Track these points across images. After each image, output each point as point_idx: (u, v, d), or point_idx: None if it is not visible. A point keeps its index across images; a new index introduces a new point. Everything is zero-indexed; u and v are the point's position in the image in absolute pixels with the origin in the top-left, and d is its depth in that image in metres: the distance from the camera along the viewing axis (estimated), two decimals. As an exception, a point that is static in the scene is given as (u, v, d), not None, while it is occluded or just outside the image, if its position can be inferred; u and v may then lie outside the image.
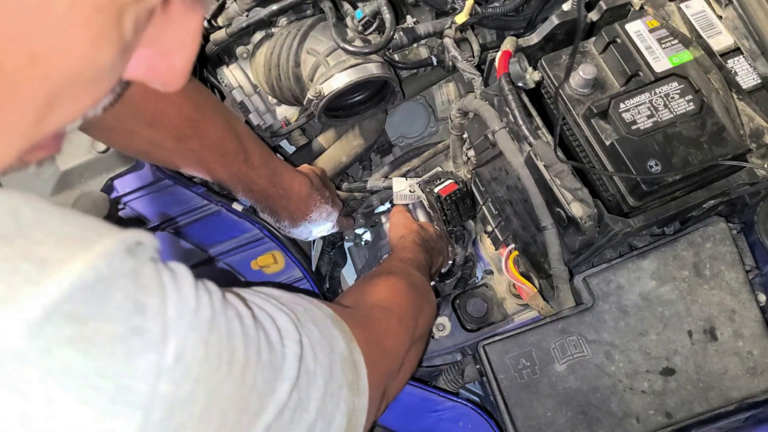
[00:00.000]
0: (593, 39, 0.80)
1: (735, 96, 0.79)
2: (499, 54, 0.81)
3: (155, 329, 0.29)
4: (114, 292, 0.27)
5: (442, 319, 0.96)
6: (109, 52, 0.27)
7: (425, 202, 1.03)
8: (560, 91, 0.76)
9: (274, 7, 0.91)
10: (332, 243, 1.22)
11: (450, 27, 0.94)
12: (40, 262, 0.25)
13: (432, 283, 0.98)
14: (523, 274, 0.92)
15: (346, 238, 1.25)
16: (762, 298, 0.82)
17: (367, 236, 1.24)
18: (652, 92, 0.73)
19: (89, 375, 0.25)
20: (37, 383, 0.24)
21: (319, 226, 0.98)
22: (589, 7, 0.84)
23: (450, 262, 1.05)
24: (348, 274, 1.34)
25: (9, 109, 0.26)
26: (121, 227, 0.30)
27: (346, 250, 1.28)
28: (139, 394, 0.27)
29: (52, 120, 0.28)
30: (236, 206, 0.94)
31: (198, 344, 0.31)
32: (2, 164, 0.28)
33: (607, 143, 0.72)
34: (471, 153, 0.97)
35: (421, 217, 1.08)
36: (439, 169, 1.10)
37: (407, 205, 1.09)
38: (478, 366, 0.86)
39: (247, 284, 0.93)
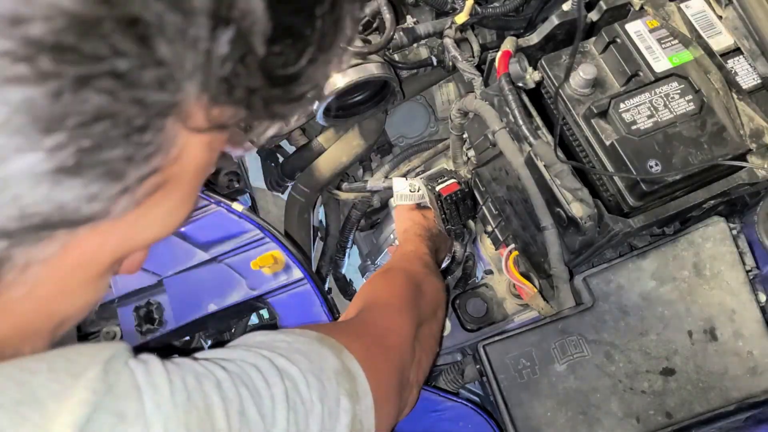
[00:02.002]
0: (593, 39, 0.80)
1: (735, 96, 0.78)
2: (499, 54, 0.81)
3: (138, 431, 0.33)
4: (99, 414, 0.32)
5: (443, 319, 0.96)
6: (104, 288, 0.36)
7: (426, 198, 1.03)
8: (560, 91, 0.76)
9: (274, 7, 0.91)
10: (343, 248, 1.23)
11: (450, 27, 0.94)
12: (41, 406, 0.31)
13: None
14: (523, 274, 0.92)
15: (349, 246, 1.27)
16: (762, 298, 0.81)
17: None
18: (652, 92, 0.73)
19: None
20: None
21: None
22: (589, 7, 0.84)
23: (450, 258, 1.05)
24: (350, 272, 1.35)
25: (29, 343, 0.35)
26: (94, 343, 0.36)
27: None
28: None
29: (61, 331, 0.37)
30: (236, 206, 0.94)
31: (179, 429, 0.35)
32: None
33: (607, 143, 0.72)
34: (471, 153, 0.97)
35: None
36: (443, 167, 1.10)
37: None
38: (478, 366, 0.86)
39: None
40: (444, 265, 1.06)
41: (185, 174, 0.30)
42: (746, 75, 0.78)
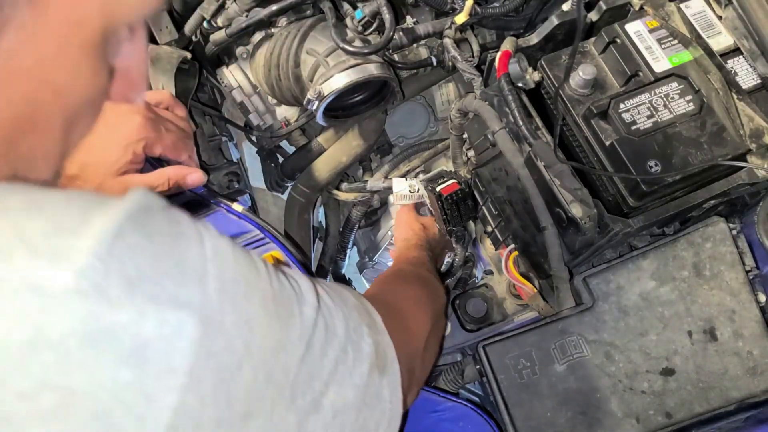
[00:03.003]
0: (593, 39, 0.80)
1: (735, 96, 0.79)
2: (498, 54, 0.81)
3: (192, 233, 0.34)
4: (153, 214, 0.33)
5: (442, 320, 0.96)
6: (104, 77, 0.36)
7: (427, 200, 1.03)
8: (560, 91, 0.76)
9: (274, 7, 0.91)
10: (343, 249, 1.23)
11: (450, 27, 0.94)
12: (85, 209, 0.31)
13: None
14: (523, 274, 0.92)
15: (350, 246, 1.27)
16: (762, 298, 0.82)
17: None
18: (652, 92, 0.73)
19: (159, 257, 0.31)
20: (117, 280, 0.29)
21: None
22: (589, 7, 0.84)
23: (449, 260, 1.05)
24: (349, 272, 1.35)
25: (43, 135, 0.34)
26: None
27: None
28: (195, 271, 0.33)
29: (74, 138, 0.36)
30: (236, 206, 0.94)
31: (228, 248, 0.36)
32: (45, 176, 0.35)
33: (607, 143, 0.72)
34: (471, 153, 0.97)
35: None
36: (443, 168, 1.10)
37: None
38: (478, 366, 0.86)
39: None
40: (443, 268, 1.06)
41: None
42: (746, 75, 0.78)
